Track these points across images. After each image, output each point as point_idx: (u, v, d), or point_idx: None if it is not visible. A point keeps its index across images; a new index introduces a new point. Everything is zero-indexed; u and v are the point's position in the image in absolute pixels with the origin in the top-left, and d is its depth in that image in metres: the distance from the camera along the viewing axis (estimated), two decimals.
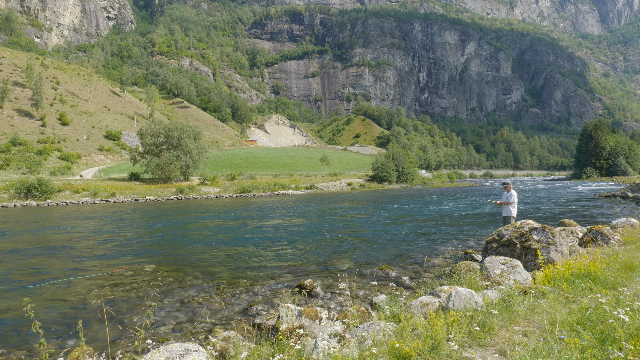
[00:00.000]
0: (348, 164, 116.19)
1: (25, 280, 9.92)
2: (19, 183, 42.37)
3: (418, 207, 30.77)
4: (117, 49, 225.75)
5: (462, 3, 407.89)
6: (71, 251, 14.00)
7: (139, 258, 12.42)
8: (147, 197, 46.97)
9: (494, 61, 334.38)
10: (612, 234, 9.59)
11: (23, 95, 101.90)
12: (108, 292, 8.59)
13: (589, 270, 5.84)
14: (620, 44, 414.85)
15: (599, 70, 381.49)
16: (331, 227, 19.34)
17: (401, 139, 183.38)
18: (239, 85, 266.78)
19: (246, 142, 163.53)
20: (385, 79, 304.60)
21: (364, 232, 17.43)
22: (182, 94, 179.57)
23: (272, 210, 31.02)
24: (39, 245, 15.32)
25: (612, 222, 12.03)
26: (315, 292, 8.08)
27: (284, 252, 12.97)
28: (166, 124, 67.92)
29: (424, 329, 4.11)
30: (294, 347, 4.22)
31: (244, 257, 12.23)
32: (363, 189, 68.94)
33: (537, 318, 4.50)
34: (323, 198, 45.56)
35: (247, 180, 66.28)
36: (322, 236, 16.44)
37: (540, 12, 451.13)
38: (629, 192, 37.34)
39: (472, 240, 14.31)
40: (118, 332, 6.24)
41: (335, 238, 15.80)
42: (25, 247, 15.10)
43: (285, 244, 14.65)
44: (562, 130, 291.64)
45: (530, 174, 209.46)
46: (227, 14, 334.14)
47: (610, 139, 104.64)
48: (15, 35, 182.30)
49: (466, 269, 7.43)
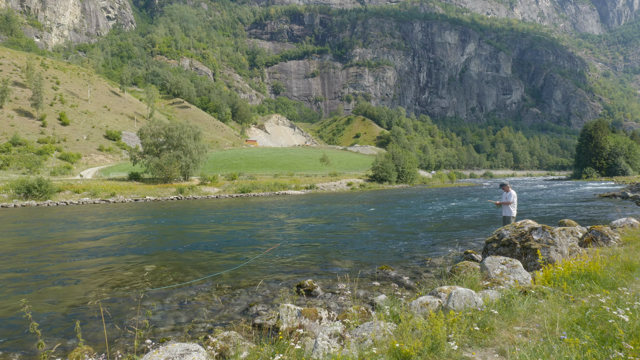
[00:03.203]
0: (348, 164, 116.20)
1: (24, 280, 9.91)
2: (19, 183, 42.36)
3: (418, 207, 30.77)
4: (117, 49, 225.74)
5: (462, 3, 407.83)
6: (71, 251, 14.00)
7: (139, 258, 12.42)
8: (147, 197, 46.96)
9: (494, 61, 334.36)
10: (612, 234, 9.58)
11: (23, 95, 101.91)
12: (107, 292, 8.58)
13: (589, 270, 5.83)
14: (620, 44, 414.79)
15: (599, 70, 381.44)
16: (331, 227, 19.33)
17: (401, 139, 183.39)
18: (239, 85, 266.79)
19: (246, 142, 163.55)
20: (385, 79, 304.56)
21: (363, 232, 17.43)
22: (182, 94, 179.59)
23: (272, 210, 31.02)
24: (39, 246, 15.31)
25: (612, 222, 12.02)
26: (315, 292, 8.08)
27: (284, 252, 12.96)
28: (166, 124, 67.93)
29: (424, 329, 4.10)
30: (294, 347, 4.22)
31: (243, 257, 12.23)
32: (363, 189, 68.93)
33: (537, 318, 4.50)
34: (323, 198, 45.56)
35: (247, 180, 66.27)
36: (322, 236, 16.44)
37: (540, 12, 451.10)
38: (629, 192, 37.33)
39: (472, 240, 14.30)
40: (118, 332, 6.24)
41: (335, 238, 15.80)
42: (25, 246, 15.10)
43: (285, 244, 14.64)
44: (562, 130, 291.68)
45: (530, 174, 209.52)
46: (227, 14, 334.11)
47: (610, 139, 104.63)
48: (15, 35, 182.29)
49: (466, 269, 7.43)
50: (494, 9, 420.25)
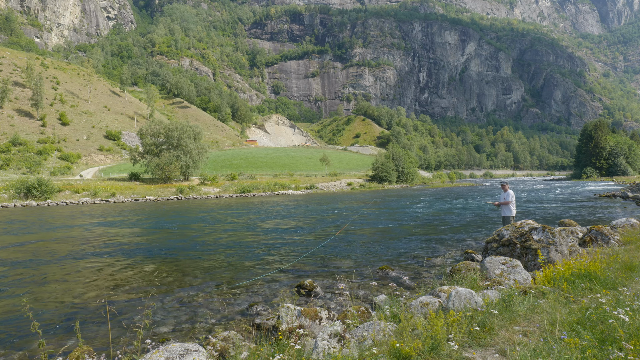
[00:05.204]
0: (348, 164, 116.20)
1: (24, 280, 9.91)
2: (19, 183, 42.37)
3: (418, 207, 30.77)
4: (117, 49, 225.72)
5: (462, 3, 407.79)
6: (71, 251, 14.00)
7: (139, 258, 12.42)
8: (147, 197, 46.96)
9: (494, 61, 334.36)
10: (612, 234, 9.59)
11: (23, 95, 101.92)
12: (107, 292, 8.58)
13: (589, 270, 5.83)
14: (620, 44, 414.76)
15: (599, 70, 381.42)
16: (331, 227, 19.33)
17: (401, 139, 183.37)
18: (239, 85, 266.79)
19: (246, 142, 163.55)
20: (385, 79, 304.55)
21: (363, 232, 17.43)
22: (182, 94, 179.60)
23: (272, 210, 31.02)
24: (39, 246, 15.31)
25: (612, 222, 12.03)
26: (315, 292, 8.08)
27: (284, 252, 12.96)
28: (166, 124, 67.94)
29: (424, 329, 4.10)
30: (294, 347, 4.22)
31: (243, 257, 12.23)
32: (363, 189, 68.93)
33: (537, 318, 4.50)
34: (323, 198, 45.56)
35: (247, 180, 66.28)
36: (321, 236, 16.44)
37: (540, 12, 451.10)
38: (629, 192, 37.33)
39: (472, 240, 14.30)
40: (118, 332, 6.24)
41: (335, 238, 15.79)
42: (25, 247, 15.10)
43: (285, 244, 14.65)
44: (562, 130, 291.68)
45: (530, 174, 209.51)
46: (227, 14, 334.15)
47: (610, 139, 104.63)
48: (15, 35, 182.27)
49: (466, 269, 7.43)
50: (494, 9, 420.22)
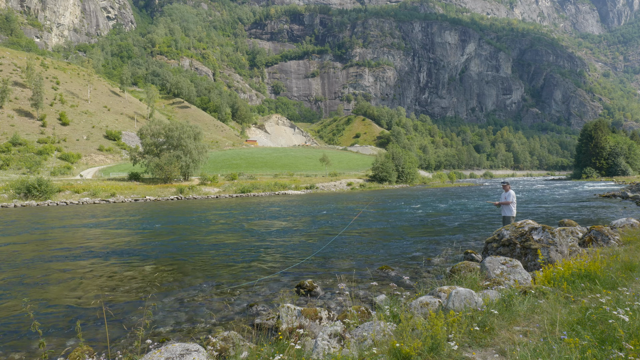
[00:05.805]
0: (348, 164, 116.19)
1: (24, 280, 9.91)
2: (19, 183, 42.36)
3: (418, 207, 30.77)
4: (117, 49, 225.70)
5: (462, 3, 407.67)
6: (71, 251, 14.00)
7: (139, 258, 12.42)
8: (147, 197, 46.96)
9: (494, 61, 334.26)
10: (612, 234, 9.59)
11: (23, 95, 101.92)
12: (108, 292, 8.58)
13: (589, 270, 5.83)
14: (620, 44, 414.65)
15: (599, 70, 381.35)
16: (331, 227, 19.33)
17: (401, 139, 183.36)
18: (239, 85, 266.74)
19: (246, 142, 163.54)
20: (385, 79, 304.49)
21: (363, 232, 17.43)
22: (182, 94, 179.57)
23: (271, 210, 31.02)
24: (39, 246, 15.31)
25: (612, 222, 12.03)
26: (315, 292, 8.08)
27: (284, 252, 12.96)
28: (166, 124, 67.94)
29: (424, 329, 4.10)
30: (294, 347, 4.22)
31: (243, 257, 12.23)
32: (363, 189, 68.93)
33: (537, 318, 4.50)
34: (323, 198, 45.55)
35: (247, 180, 66.28)
36: (321, 236, 16.43)
37: (540, 12, 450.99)
38: (629, 192, 37.33)
39: (472, 240, 14.30)
40: (118, 332, 6.24)
41: (335, 238, 15.79)
42: (25, 246, 15.10)
43: (285, 244, 14.65)
44: (562, 130, 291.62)
45: (530, 174, 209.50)
46: (227, 14, 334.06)
47: (610, 139, 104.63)
48: (15, 35, 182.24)
49: (466, 269, 7.43)
50: (494, 9, 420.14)
